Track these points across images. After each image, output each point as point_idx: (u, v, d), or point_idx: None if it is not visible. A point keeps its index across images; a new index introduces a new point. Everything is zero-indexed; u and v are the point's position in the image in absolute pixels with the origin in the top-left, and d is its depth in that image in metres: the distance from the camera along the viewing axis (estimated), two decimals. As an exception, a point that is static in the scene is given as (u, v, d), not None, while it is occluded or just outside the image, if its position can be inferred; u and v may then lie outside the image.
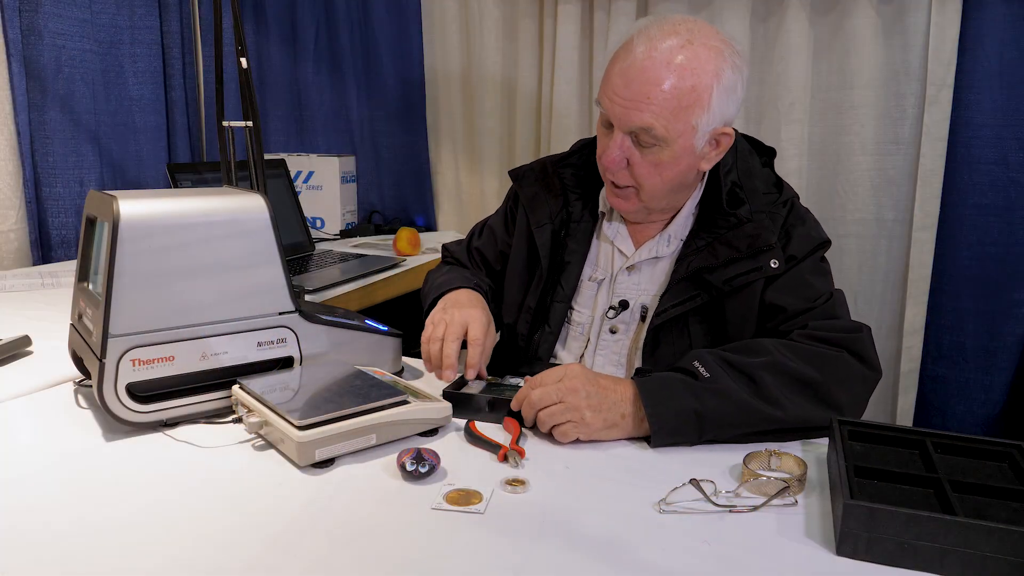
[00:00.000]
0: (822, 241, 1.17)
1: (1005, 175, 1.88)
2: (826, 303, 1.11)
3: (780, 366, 0.99)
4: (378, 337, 1.15)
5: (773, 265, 1.11)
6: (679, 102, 1.06)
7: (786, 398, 0.97)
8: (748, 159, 1.21)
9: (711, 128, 1.10)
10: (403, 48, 2.55)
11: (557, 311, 1.26)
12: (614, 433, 0.97)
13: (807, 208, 1.23)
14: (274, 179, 2.16)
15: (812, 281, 1.13)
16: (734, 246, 1.13)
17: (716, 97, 1.07)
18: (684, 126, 1.07)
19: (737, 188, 1.17)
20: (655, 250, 1.22)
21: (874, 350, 1.06)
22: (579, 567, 0.70)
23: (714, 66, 1.06)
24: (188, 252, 0.95)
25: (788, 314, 1.11)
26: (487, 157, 2.48)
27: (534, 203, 1.28)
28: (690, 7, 2.12)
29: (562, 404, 0.96)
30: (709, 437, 0.97)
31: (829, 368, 1.00)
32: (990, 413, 1.98)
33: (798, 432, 0.99)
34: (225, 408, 1.01)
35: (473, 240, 1.46)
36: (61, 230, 2.09)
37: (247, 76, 1.45)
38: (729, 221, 1.15)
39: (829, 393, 0.99)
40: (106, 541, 0.73)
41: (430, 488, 0.83)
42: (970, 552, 0.68)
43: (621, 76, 1.08)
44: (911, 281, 1.99)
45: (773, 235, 1.13)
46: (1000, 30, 1.84)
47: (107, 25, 2.22)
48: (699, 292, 1.14)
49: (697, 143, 1.10)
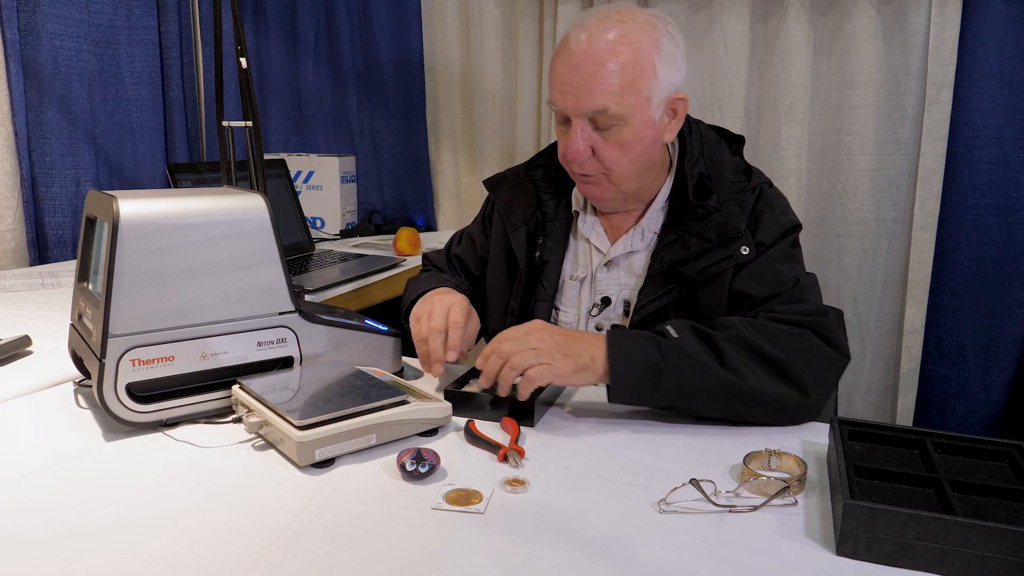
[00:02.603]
0: (791, 226, 1.18)
1: (1005, 175, 1.88)
2: (792, 288, 1.12)
3: (742, 339, 1.01)
4: (378, 337, 1.15)
5: (744, 252, 1.13)
6: (625, 76, 1.08)
7: (747, 368, 0.99)
8: (715, 149, 1.23)
9: (664, 96, 1.13)
10: (403, 48, 2.56)
11: (541, 310, 1.27)
12: (584, 376, 1.00)
13: (779, 193, 1.24)
14: (274, 179, 2.16)
15: (779, 268, 1.14)
16: (704, 237, 1.15)
17: (659, 65, 1.10)
18: (637, 99, 1.10)
19: (705, 179, 1.19)
20: (630, 244, 1.23)
21: (842, 333, 1.07)
22: (579, 567, 0.70)
23: (649, 37, 1.10)
24: (188, 252, 0.95)
25: (754, 300, 1.12)
26: (487, 157, 2.48)
27: (509, 208, 1.30)
28: (690, 7, 2.12)
29: (533, 350, 0.99)
30: (668, 402, 0.99)
31: (790, 346, 1.01)
32: (990, 413, 1.98)
33: (762, 409, 1.00)
34: (225, 408, 1.01)
35: (452, 247, 1.47)
36: (58, 230, 2.09)
37: (247, 76, 1.45)
38: (697, 213, 1.17)
39: (790, 370, 1.00)
40: (106, 541, 0.72)
41: (430, 488, 0.83)
42: (970, 552, 0.68)
43: (566, 67, 1.11)
44: (911, 281, 1.99)
45: (742, 222, 1.14)
46: (1000, 30, 1.84)
47: (104, 25, 2.22)
48: (675, 285, 1.16)
49: (654, 114, 1.13)
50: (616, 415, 1.06)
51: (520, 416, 1.01)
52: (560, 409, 1.08)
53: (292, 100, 2.74)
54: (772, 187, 1.23)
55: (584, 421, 1.04)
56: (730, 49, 2.08)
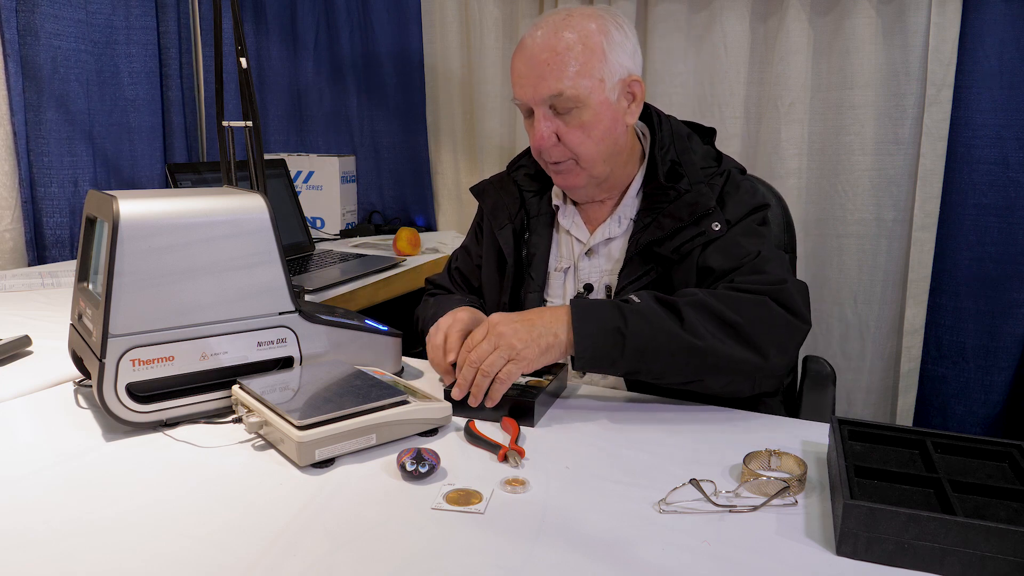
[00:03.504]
0: (757, 205, 1.23)
1: (1005, 175, 1.88)
2: (754, 260, 1.15)
3: (702, 303, 1.05)
4: (378, 337, 1.15)
5: (715, 228, 1.18)
6: (576, 59, 1.14)
7: (707, 331, 1.03)
8: (685, 140, 1.27)
9: (618, 79, 1.18)
10: (403, 48, 2.55)
11: (531, 301, 1.30)
12: (552, 355, 1.03)
13: (749, 177, 1.28)
14: (274, 179, 2.16)
15: (742, 242, 1.17)
16: (676, 216, 1.19)
17: (608, 48, 1.16)
18: (591, 81, 1.15)
19: (676, 165, 1.23)
20: (607, 232, 1.28)
21: (801, 301, 1.10)
22: (579, 567, 0.70)
23: (596, 25, 1.17)
24: (188, 252, 0.95)
25: (716, 274, 1.16)
26: (487, 157, 2.48)
27: (495, 210, 1.35)
28: (690, 7, 2.12)
29: (496, 350, 1.01)
30: (631, 366, 1.02)
31: (747, 311, 1.05)
32: (990, 413, 1.98)
33: (723, 373, 1.04)
34: (225, 408, 1.01)
35: (452, 263, 1.51)
36: (56, 230, 2.09)
37: (247, 76, 1.45)
38: (669, 195, 1.21)
39: (748, 333, 1.03)
40: (106, 541, 0.72)
41: (430, 488, 0.83)
42: (970, 552, 0.68)
43: (521, 62, 1.18)
44: (911, 281, 1.99)
45: (711, 200, 1.18)
46: (1000, 30, 1.84)
47: (103, 25, 2.22)
48: (652, 265, 1.21)
49: (610, 96, 1.18)
50: (616, 415, 1.06)
51: (520, 416, 1.01)
52: (560, 409, 1.08)
53: (292, 100, 2.74)
54: (744, 173, 1.28)
55: (584, 421, 1.04)
56: (730, 49, 2.08)
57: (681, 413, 1.07)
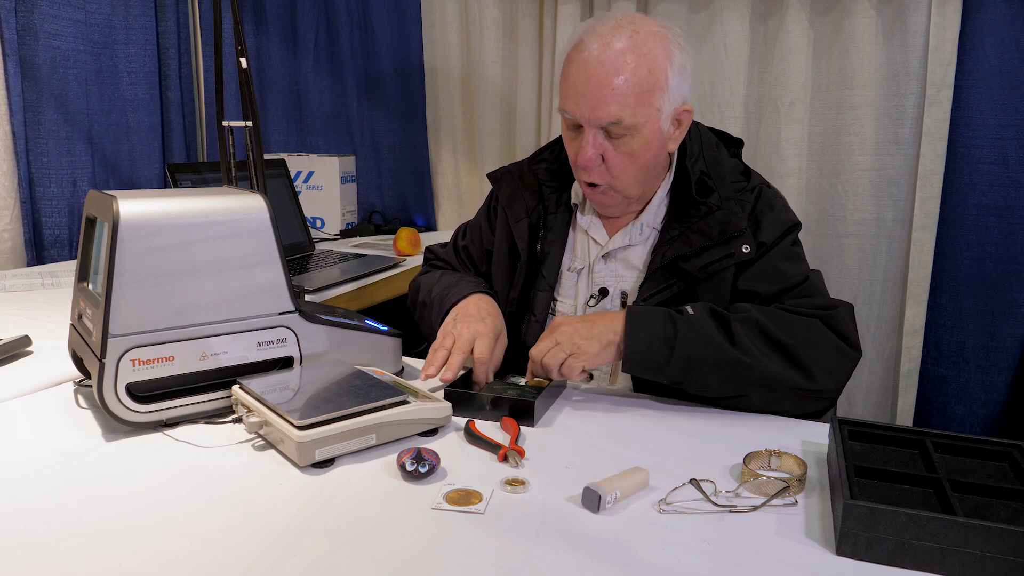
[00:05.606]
0: (792, 224, 1.21)
1: (1005, 175, 1.88)
2: (802, 284, 1.15)
3: (754, 322, 1.05)
4: (378, 337, 1.15)
5: (745, 250, 1.15)
6: (640, 88, 1.10)
7: (756, 348, 1.03)
8: (714, 150, 1.25)
9: (672, 108, 1.15)
10: (403, 48, 2.56)
11: (541, 300, 1.29)
12: (611, 352, 1.07)
13: (777, 192, 1.26)
14: (274, 179, 2.16)
15: (783, 267, 1.17)
16: (706, 234, 1.17)
17: (672, 77, 1.12)
18: (649, 111, 1.12)
19: (706, 177, 1.21)
20: (628, 238, 1.26)
21: (853, 327, 1.10)
22: (579, 567, 0.70)
23: (663, 49, 1.11)
24: (188, 252, 0.95)
25: (763, 298, 1.15)
26: (487, 157, 2.48)
27: (512, 201, 1.33)
28: (690, 7, 2.12)
29: (558, 345, 1.06)
30: (677, 375, 1.03)
31: (800, 333, 1.06)
32: (990, 413, 1.98)
33: (768, 391, 1.04)
34: (225, 408, 1.01)
35: (459, 240, 1.48)
36: (55, 230, 2.09)
37: (247, 76, 1.45)
38: (700, 210, 1.19)
39: (799, 355, 1.04)
40: (106, 541, 0.72)
41: (430, 488, 0.83)
42: (970, 552, 0.68)
43: (580, 76, 1.12)
44: (911, 281, 1.99)
45: (742, 220, 1.16)
46: (1000, 30, 1.84)
47: (102, 25, 2.22)
48: (675, 280, 1.19)
49: (663, 125, 1.15)
50: (616, 416, 1.06)
51: (520, 416, 1.01)
52: (560, 409, 1.08)
53: (292, 100, 2.73)
54: (770, 187, 1.25)
55: (584, 421, 1.04)
56: (730, 49, 2.08)
57: (681, 413, 1.07)
